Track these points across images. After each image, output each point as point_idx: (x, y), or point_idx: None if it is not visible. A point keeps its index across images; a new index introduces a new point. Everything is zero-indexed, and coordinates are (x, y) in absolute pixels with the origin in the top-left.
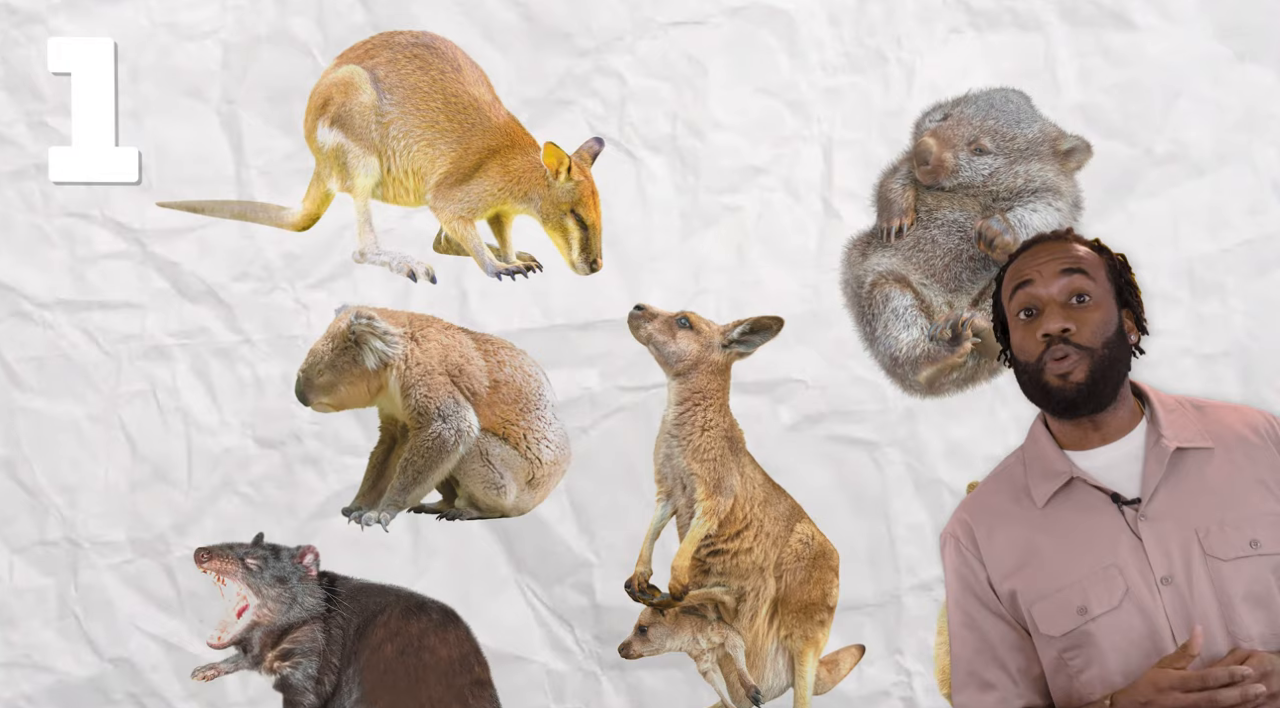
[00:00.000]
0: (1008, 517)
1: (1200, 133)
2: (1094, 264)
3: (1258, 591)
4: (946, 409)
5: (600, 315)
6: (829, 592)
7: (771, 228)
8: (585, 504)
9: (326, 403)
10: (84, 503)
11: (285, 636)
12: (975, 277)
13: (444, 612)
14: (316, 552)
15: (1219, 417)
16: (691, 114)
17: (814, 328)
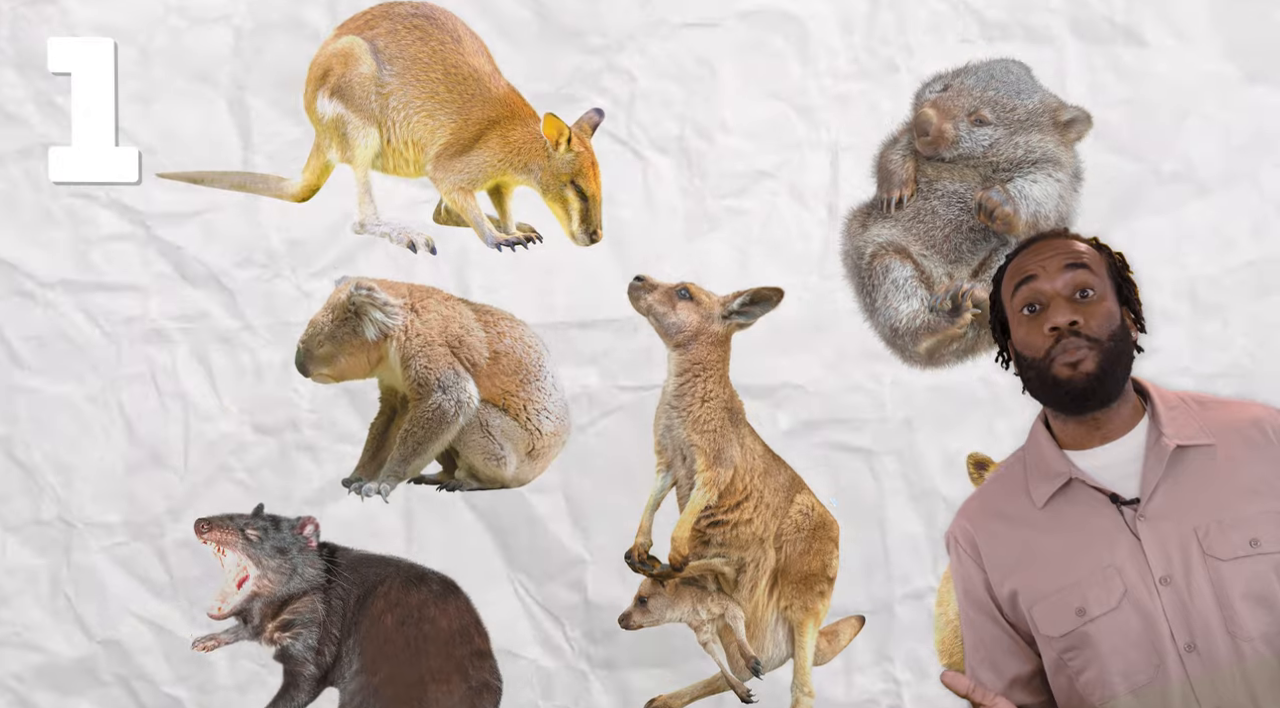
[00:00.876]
0: (1008, 518)
1: (1207, 152)
2: (1095, 260)
3: (1258, 590)
4: (944, 420)
5: (600, 314)
6: (829, 563)
7: (776, 233)
8: (581, 502)
9: (326, 374)
10: (79, 484)
11: (285, 606)
12: (975, 248)
13: (444, 583)
14: (317, 523)
15: (1222, 412)
16: (700, 116)
17: (815, 334)
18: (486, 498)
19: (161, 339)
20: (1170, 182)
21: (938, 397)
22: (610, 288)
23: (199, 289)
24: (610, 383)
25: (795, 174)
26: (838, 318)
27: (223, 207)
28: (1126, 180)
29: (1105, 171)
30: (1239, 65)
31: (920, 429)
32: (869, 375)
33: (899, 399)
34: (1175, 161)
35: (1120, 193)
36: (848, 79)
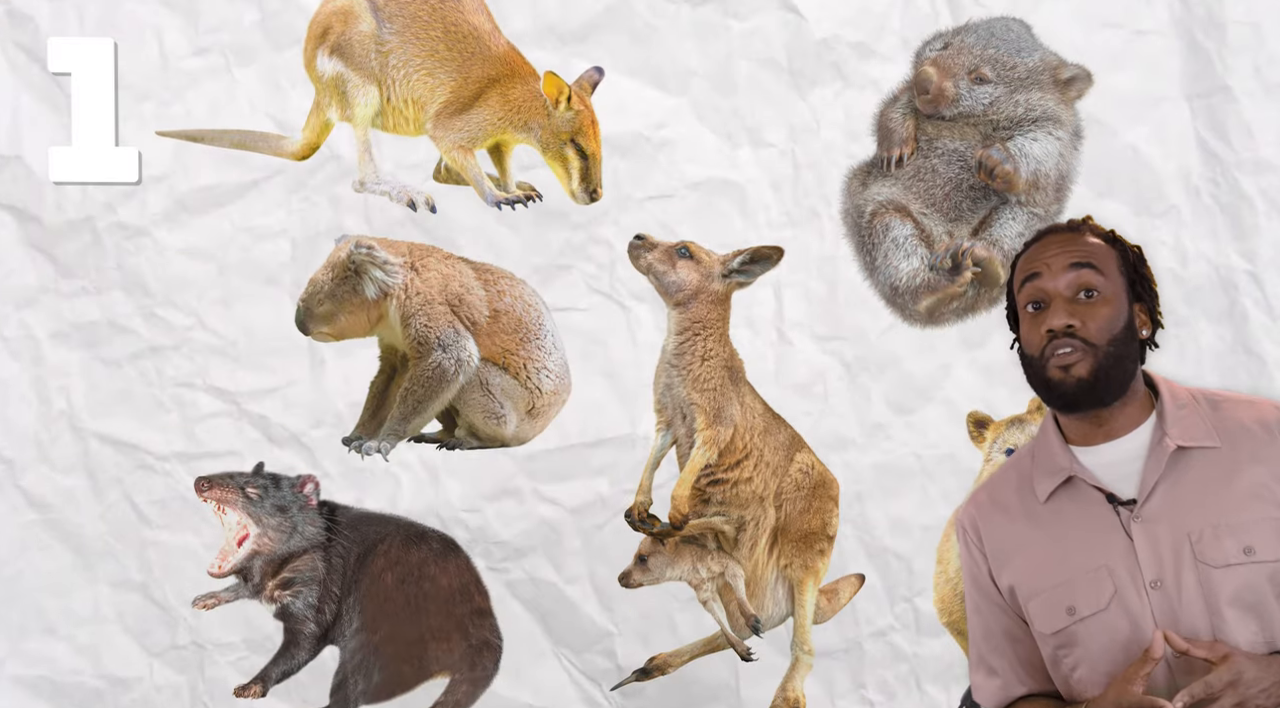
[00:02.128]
0: (1011, 511)
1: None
2: (1105, 257)
3: (1248, 598)
4: (886, 489)
5: (606, 435)
6: (829, 521)
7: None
8: (603, 586)
9: (326, 332)
10: (205, 614)
11: (286, 565)
12: (975, 206)
13: (444, 541)
14: (317, 481)
15: (1232, 412)
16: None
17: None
18: (529, 589)
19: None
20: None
21: (880, 473)
22: (611, 413)
23: (284, 449)
24: (618, 488)
25: (747, 308)
26: (794, 419)
27: (298, 381)
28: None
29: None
30: (1088, 186)
31: (869, 501)
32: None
33: (849, 479)
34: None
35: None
36: (781, 227)
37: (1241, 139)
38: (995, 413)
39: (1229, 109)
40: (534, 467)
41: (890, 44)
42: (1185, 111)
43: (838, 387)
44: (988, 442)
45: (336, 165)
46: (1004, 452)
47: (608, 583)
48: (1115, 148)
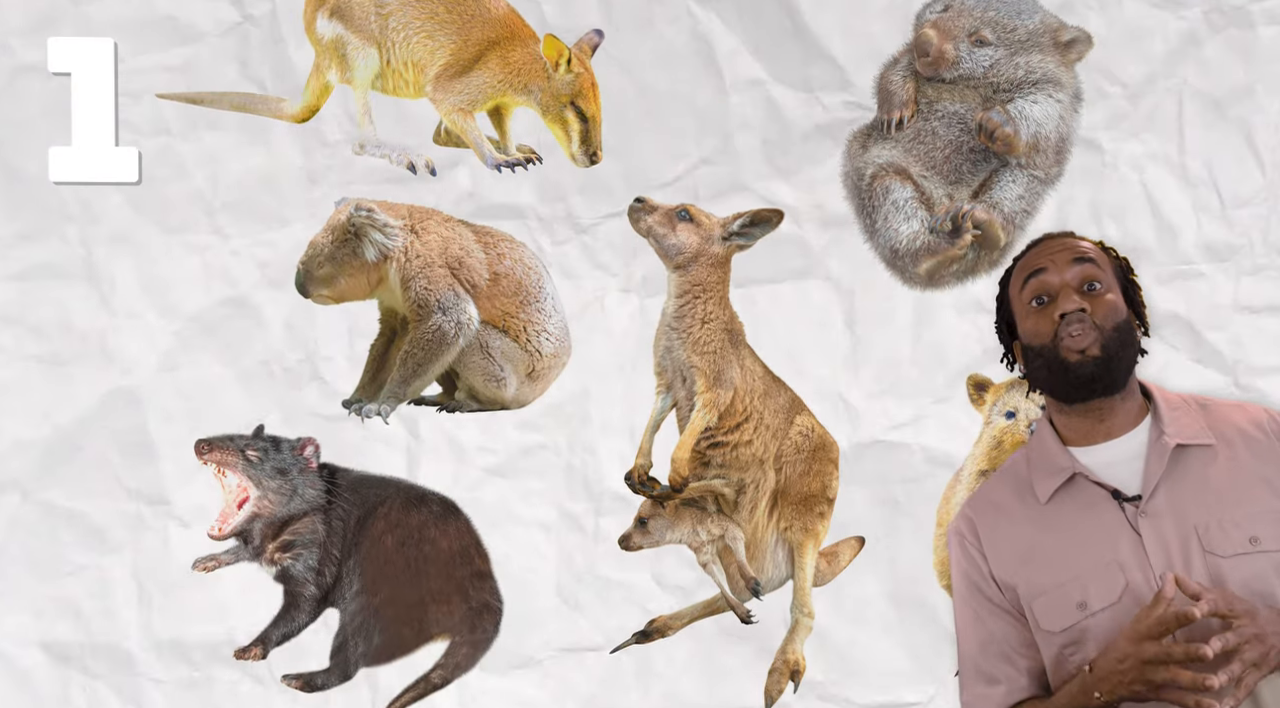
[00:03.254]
0: (1011, 513)
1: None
2: (1101, 258)
3: (1257, 588)
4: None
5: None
6: (829, 484)
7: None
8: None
9: (326, 295)
10: None
11: (286, 527)
12: (976, 169)
13: (444, 504)
14: (317, 444)
15: (1223, 414)
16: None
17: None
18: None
19: None
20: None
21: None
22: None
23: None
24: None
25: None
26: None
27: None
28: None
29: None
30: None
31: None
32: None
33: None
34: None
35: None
36: None
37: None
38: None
39: None
40: None
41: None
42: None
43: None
44: (987, 404)
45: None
46: (1004, 415)
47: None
48: None
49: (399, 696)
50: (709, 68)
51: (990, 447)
